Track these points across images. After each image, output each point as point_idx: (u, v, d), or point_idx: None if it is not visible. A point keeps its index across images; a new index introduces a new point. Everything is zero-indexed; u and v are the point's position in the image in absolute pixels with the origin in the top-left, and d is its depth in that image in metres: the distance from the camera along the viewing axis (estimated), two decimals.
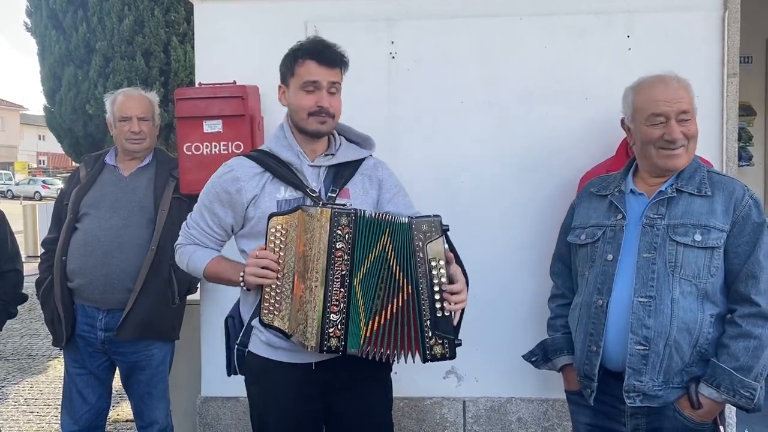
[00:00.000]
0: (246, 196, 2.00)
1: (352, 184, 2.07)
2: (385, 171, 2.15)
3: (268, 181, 2.01)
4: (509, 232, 3.00)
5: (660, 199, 1.95)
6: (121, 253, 2.66)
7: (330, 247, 1.82)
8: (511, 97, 2.98)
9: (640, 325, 1.89)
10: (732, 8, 2.87)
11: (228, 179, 2.02)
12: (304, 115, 1.99)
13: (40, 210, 12.15)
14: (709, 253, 1.88)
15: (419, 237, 1.82)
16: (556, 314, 2.24)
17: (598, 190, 2.13)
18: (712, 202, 1.91)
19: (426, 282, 1.81)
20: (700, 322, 1.88)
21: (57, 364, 5.53)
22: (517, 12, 2.97)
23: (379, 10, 3.02)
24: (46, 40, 10.37)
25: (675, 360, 1.88)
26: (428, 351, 1.82)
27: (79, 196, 2.75)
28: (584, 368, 2.01)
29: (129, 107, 2.78)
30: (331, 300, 1.82)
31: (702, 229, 1.88)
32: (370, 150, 2.16)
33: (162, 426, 2.83)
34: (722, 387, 1.84)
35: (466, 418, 3.07)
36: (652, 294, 1.89)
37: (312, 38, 2.08)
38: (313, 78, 1.96)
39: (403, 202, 2.12)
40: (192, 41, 7.78)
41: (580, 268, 2.10)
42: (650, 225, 1.93)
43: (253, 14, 3.07)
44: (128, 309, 2.65)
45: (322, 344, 1.83)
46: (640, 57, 2.90)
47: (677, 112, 1.92)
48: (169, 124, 9.09)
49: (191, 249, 2.10)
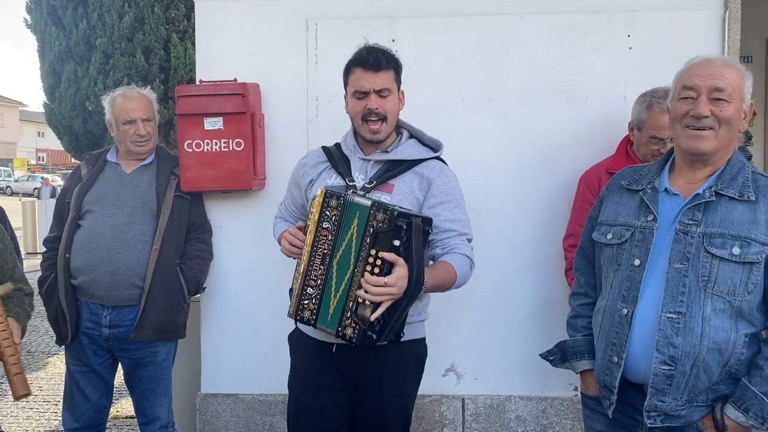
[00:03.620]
0: (306, 179, 2.25)
1: (400, 180, 2.13)
2: (441, 177, 2.15)
3: (326, 169, 2.23)
4: (509, 230, 3.00)
5: (697, 203, 1.74)
6: (126, 250, 2.66)
7: (318, 225, 1.97)
8: (511, 95, 2.98)
9: (666, 343, 1.71)
10: (732, 8, 2.87)
11: (300, 164, 2.32)
12: (359, 121, 2.15)
13: (40, 207, 12.16)
14: (747, 269, 1.69)
15: (372, 223, 1.87)
16: (577, 313, 2.07)
17: (629, 183, 1.92)
18: (756, 210, 1.71)
19: (362, 267, 1.88)
20: (734, 342, 1.70)
21: (57, 361, 5.54)
22: (518, 10, 2.97)
23: (380, 8, 3.02)
24: (46, 36, 10.35)
25: (702, 380, 1.73)
26: (341, 329, 1.92)
27: (81, 193, 2.75)
28: (604, 378, 1.87)
29: (132, 109, 2.77)
30: (310, 275, 1.98)
31: (742, 241, 1.69)
32: (436, 153, 2.21)
33: (164, 422, 2.84)
34: (751, 411, 1.68)
35: (465, 416, 3.08)
36: (681, 310, 1.71)
37: (363, 46, 2.15)
38: (360, 86, 2.10)
39: (447, 215, 2.08)
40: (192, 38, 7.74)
41: (604, 269, 1.92)
42: (684, 232, 1.74)
43: (253, 11, 3.07)
44: (141, 310, 2.65)
45: (296, 314, 2.01)
46: (640, 56, 2.90)
47: (710, 88, 1.73)
48: (169, 121, 9.08)
49: (276, 221, 2.44)
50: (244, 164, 2.89)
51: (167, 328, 2.73)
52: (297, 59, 3.04)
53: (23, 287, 2.24)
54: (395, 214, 1.83)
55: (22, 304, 2.20)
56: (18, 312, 2.15)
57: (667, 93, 2.39)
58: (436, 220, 2.04)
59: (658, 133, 2.51)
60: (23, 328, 2.16)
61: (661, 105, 2.47)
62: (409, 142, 2.21)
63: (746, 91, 1.77)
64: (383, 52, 2.11)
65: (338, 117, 2.89)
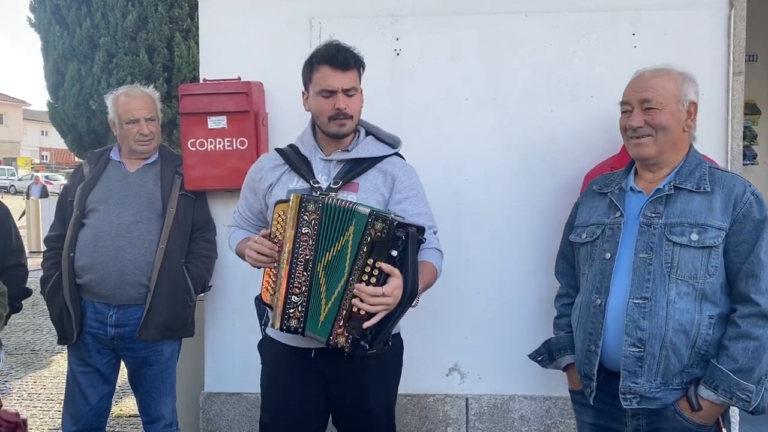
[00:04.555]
0: (265, 184, 2.18)
1: (364, 179, 2.11)
2: (404, 172, 2.15)
3: (285, 172, 2.17)
4: (513, 230, 2.99)
5: (658, 197, 1.92)
6: (132, 249, 2.66)
7: (297, 231, 1.91)
8: (515, 94, 2.98)
9: (634, 327, 1.86)
10: (738, 6, 2.86)
11: (255, 169, 2.25)
12: (325, 119, 2.10)
13: (44, 206, 12.19)
14: (706, 253, 1.84)
15: (369, 233, 1.83)
16: (560, 313, 2.22)
17: (600, 188, 2.11)
18: (711, 199, 1.87)
19: (357, 276, 1.85)
20: (698, 323, 1.84)
21: (60, 359, 5.55)
22: (522, 9, 2.96)
23: (384, 7, 3.01)
24: (50, 35, 10.36)
25: (673, 362, 1.85)
26: (332, 337, 1.88)
27: (85, 192, 2.74)
28: (584, 368, 2.00)
29: (135, 109, 2.77)
30: (294, 282, 1.92)
31: (699, 227, 1.85)
32: (395, 149, 2.20)
33: (168, 421, 2.83)
34: (720, 389, 1.81)
35: (469, 416, 3.08)
36: (647, 295, 1.86)
37: (327, 43, 2.12)
38: (329, 85, 2.05)
39: (413, 210, 2.10)
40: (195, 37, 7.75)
41: (582, 267, 2.09)
42: (647, 224, 1.91)
43: (257, 10, 3.07)
44: (147, 309, 2.65)
45: (282, 323, 1.94)
46: (645, 55, 2.89)
47: (639, 100, 1.94)
48: (172, 120, 9.08)
49: (232, 230, 2.37)
50: (248, 163, 2.85)
51: (173, 327, 2.73)
52: (300, 58, 2.98)
53: None
54: (395, 224, 1.80)
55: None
56: None
57: None
58: (404, 215, 2.05)
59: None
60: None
61: None
62: (368, 139, 2.19)
63: (683, 94, 1.94)
64: (350, 51, 2.08)
65: None
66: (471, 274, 3.01)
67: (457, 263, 3.00)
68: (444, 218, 2.99)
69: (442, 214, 3.00)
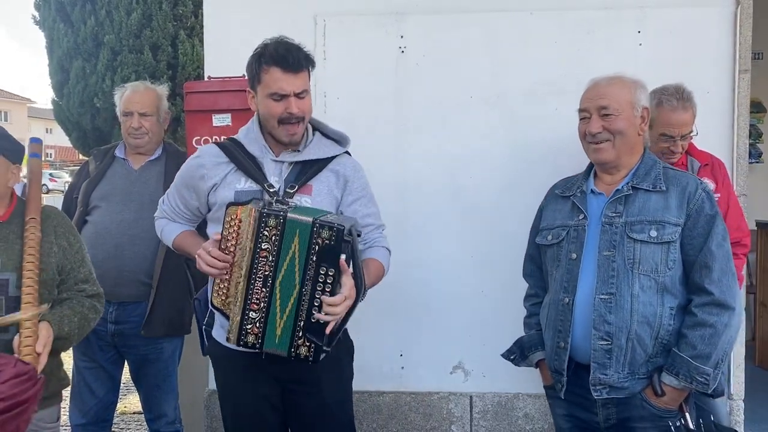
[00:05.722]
0: (208, 183, 2.06)
1: (317, 181, 2.06)
2: (355, 172, 2.11)
3: (231, 171, 2.05)
4: (517, 228, 2.97)
5: (617, 198, 2.01)
6: (132, 246, 2.66)
7: (255, 246, 1.86)
8: (520, 92, 2.97)
9: (602, 321, 1.95)
10: (744, 3, 2.85)
11: (194, 165, 2.11)
12: (275, 123, 2.01)
13: (48, 203, 12.20)
14: (665, 248, 1.94)
15: (316, 241, 1.81)
16: (530, 313, 2.30)
17: (562, 191, 2.19)
18: (667, 197, 1.97)
19: (310, 286, 1.82)
20: (660, 314, 1.93)
21: (65, 355, 5.55)
22: (528, 7, 2.96)
23: (389, 5, 3.01)
24: (54, 33, 10.37)
25: (638, 352, 1.94)
26: (293, 349, 1.86)
27: (89, 189, 2.76)
28: (554, 364, 2.08)
29: (131, 102, 2.80)
30: (252, 299, 1.87)
31: (657, 225, 1.94)
32: (345, 147, 2.14)
33: (170, 418, 2.85)
34: (681, 374, 1.90)
35: (473, 414, 3.08)
36: (612, 291, 1.95)
37: (275, 40, 2.03)
38: (280, 89, 1.96)
39: (364, 211, 2.09)
40: (200, 35, 7.76)
41: (549, 268, 2.16)
42: (609, 223, 1.99)
43: (262, 8, 3.07)
44: (150, 306, 2.66)
45: (239, 339, 1.90)
46: (650, 53, 2.89)
47: (597, 107, 2.03)
48: (177, 117, 9.08)
49: (163, 222, 2.25)
50: None
51: (176, 324, 2.74)
52: None
53: (86, 288, 2.08)
54: (340, 229, 1.79)
55: (79, 305, 2.03)
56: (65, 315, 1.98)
57: (678, 90, 2.44)
58: (355, 215, 2.05)
59: (668, 130, 2.50)
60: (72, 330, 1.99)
61: (671, 102, 2.49)
62: (317, 138, 2.11)
63: (637, 100, 2.04)
64: (300, 51, 1.99)
65: (347, 113, 2.90)
66: (475, 272, 3.01)
67: (462, 261, 3.00)
68: (448, 216, 3.01)
69: (446, 211, 3.01)
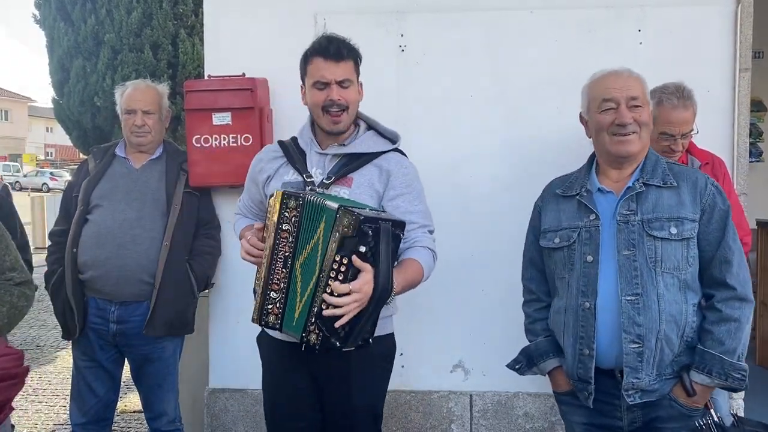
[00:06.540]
0: (263, 176, 2.19)
1: (359, 174, 2.08)
2: (400, 168, 2.11)
3: (283, 165, 2.17)
4: (518, 227, 2.96)
5: (630, 195, 1.96)
6: (135, 245, 2.66)
7: (278, 227, 1.91)
8: (521, 90, 2.97)
9: (631, 323, 1.89)
10: (745, 2, 2.84)
11: (256, 160, 2.27)
12: (319, 112, 2.08)
13: (48, 202, 12.22)
14: (685, 244, 1.91)
15: (337, 229, 1.80)
16: (534, 318, 2.20)
17: (563, 191, 2.12)
18: (679, 193, 1.94)
19: (326, 273, 1.82)
20: (685, 312, 1.91)
21: (65, 355, 5.57)
22: (528, 5, 2.96)
23: (389, 3, 3.01)
24: (55, 32, 10.39)
25: (666, 353, 1.91)
26: (305, 335, 1.87)
27: (90, 187, 2.74)
28: (578, 372, 1.99)
29: (134, 100, 2.79)
30: (273, 279, 1.92)
31: (675, 221, 1.91)
32: (394, 144, 2.17)
33: (171, 417, 2.84)
34: (714, 372, 1.87)
35: (473, 412, 3.08)
36: (638, 291, 1.90)
37: (321, 35, 2.10)
38: (322, 77, 2.04)
39: (407, 207, 2.06)
40: (200, 34, 7.75)
41: (558, 272, 2.07)
42: (625, 222, 1.94)
43: (262, 6, 3.07)
44: (153, 306, 2.66)
45: (261, 318, 1.96)
46: (651, 51, 2.88)
47: (627, 98, 1.97)
48: (177, 116, 9.09)
49: (238, 217, 2.39)
50: None
51: (177, 324, 2.74)
52: None
53: (14, 276, 2.05)
54: (360, 219, 1.75)
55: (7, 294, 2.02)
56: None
57: (678, 89, 2.43)
58: (396, 212, 2.01)
59: (669, 129, 2.50)
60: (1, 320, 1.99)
61: (671, 101, 2.48)
62: (367, 134, 2.16)
63: (649, 96, 2.03)
64: (344, 42, 2.06)
65: None
66: (476, 270, 3.01)
67: (463, 259, 3.00)
68: (449, 214, 3.00)
69: (447, 210, 3.01)
